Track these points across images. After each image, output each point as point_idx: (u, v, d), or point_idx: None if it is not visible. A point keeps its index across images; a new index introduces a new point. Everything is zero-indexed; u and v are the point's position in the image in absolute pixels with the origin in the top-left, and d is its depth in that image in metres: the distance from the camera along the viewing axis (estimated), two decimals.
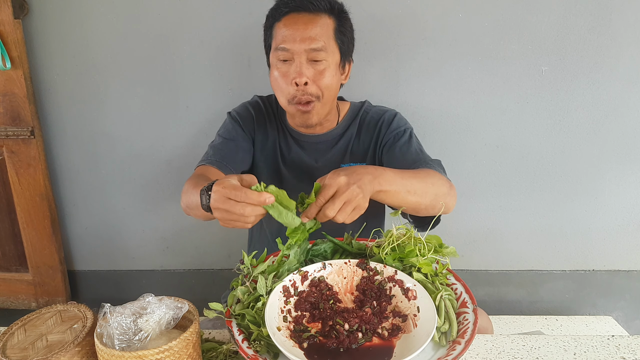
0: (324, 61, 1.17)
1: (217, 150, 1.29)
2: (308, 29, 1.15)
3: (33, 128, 1.78)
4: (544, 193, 1.89)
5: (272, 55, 1.21)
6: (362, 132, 1.37)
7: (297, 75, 1.16)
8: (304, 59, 1.16)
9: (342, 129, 1.37)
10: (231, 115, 1.40)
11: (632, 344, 0.98)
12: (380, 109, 1.40)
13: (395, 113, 1.38)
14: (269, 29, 1.24)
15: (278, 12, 1.20)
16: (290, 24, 1.17)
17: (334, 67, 1.20)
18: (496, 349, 0.96)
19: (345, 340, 0.81)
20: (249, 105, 1.41)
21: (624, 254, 1.97)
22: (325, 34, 1.17)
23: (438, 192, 1.06)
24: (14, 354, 0.77)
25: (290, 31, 1.16)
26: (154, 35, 1.73)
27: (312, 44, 1.15)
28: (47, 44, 1.76)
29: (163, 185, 1.94)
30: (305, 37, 1.14)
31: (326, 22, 1.18)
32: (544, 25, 1.66)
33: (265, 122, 1.39)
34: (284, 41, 1.16)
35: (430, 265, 0.93)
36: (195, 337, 0.78)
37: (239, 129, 1.35)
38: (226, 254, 2.04)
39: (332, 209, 0.86)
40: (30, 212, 1.90)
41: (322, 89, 1.19)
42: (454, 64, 1.72)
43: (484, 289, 2.04)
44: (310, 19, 1.16)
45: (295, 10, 1.17)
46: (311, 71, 1.17)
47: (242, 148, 1.33)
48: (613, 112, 1.77)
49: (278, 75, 1.20)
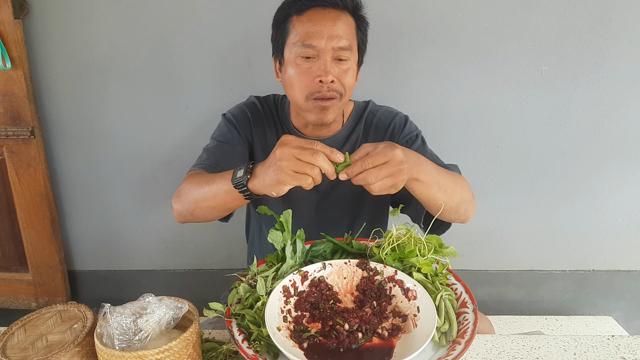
0: (348, 60, 1.13)
1: (211, 154, 1.24)
2: (336, 25, 1.09)
3: (33, 128, 1.78)
4: (544, 193, 1.89)
5: (291, 52, 1.13)
6: (369, 134, 1.31)
7: (324, 73, 1.09)
8: (330, 56, 1.10)
9: (348, 130, 1.31)
10: (226, 117, 1.34)
11: (632, 344, 0.98)
12: (388, 110, 1.35)
13: (406, 117, 1.33)
14: (283, 22, 1.15)
15: (298, 5, 1.11)
16: (317, 19, 1.09)
17: (354, 67, 1.17)
18: (496, 349, 0.96)
19: (345, 340, 0.81)
20: (245, 106, 1.35)
21: (624, 254, 1.97)
22: (350, 32, 1.12)
23: (464, 197, 1.06)
24: (14, 354, 0.77)
25: (317, 27, 1.08)
26: (154, 35, 1.73)
27: (340, 42, 1.09)
28: (47, 44, 1.76)
29: (163, 186, 1.94)
30: (333, 35, 1.08)
31: (349, 21, 1.13)
32: (544, 25, 1.66)
33: (263, 124, 1.33)
34: (310, 37, 1.08)
35: (430, 265, 0.93)
36: (195, 337, 0.78)
37: (234, 132, 1.30)
38: (226, 254, 2.04)
39: (375, 177, 0.85)
40: (30, 212, 1.90)
41: (346, 88, 1.15)
42: (454, 64, 1.72)
43: (484, 289, 2.04)
44: (337, 15, 1.10)
45: (322, 5, 1.10)
46: (336, 70, 1.11)
47: (237, 152, 1.27)
48: (613, 112, 1.77)
49: (297, 72, 1.12)
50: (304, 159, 0.84)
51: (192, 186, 1.07)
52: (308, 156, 0.84)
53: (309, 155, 0.84)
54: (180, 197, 1.10)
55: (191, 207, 1.07)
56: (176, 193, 1.12)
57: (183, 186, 1.10)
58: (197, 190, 1.05)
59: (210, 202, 1.02)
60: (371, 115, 1.32)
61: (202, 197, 1.04)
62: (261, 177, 0.91)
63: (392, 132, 1.29)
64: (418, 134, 1.30)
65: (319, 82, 1.10)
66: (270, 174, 0.88)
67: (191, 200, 1.07)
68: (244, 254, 2.04)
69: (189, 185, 1.08)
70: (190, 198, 1.07)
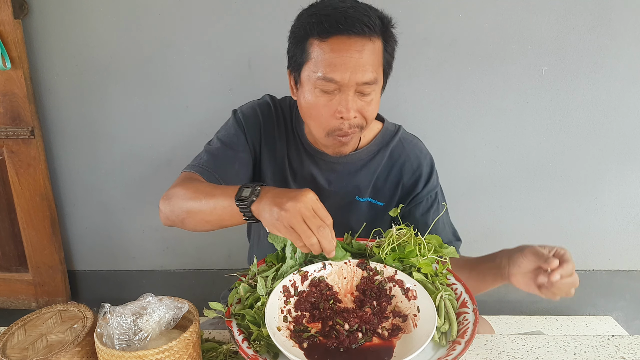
0: (373, 92, 1.03)
1: (212, 157, 1.15)
2: (362, 57, 0.97)
3: (33, 128, 1.78)
4: (544, 193, 1.89)
5: (310, 78, 1.02)
6: (392, 169, 1.20)
7: (346, 110, 1.00)
8: (353, 91, 1.00)
9: (368, 155, 1.19)
10: (236, 117, 1.22)
11: (632, 344, 0.98)
12: (418, 147, 1.23)
13: (433, 163, 1.23)
14: (302, 41, 1.02)
15: (320, 28, 0.97)
16: (341, 49, 0.96)
17: (379, 93, 1.07)
18: (496, 349, 0.96)
19: (345, 340, 0.81)
20: (258, 106, 1.22)
21: (624, 254, 1.97)
22: (376, 61, 1.01)
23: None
24: (14, 354, 0.77)
25: (340, 59, 0.96)
26: (154, 35, 1.73)
27: (365, 76, 0.98)
28: (47, 44, 1.76)
29: (163, 186, 1.91)
30: (358, 68, 0.97)
31: (376, 47, 1.00)
32: (544, 25, 1.66)
33: (274, 130, 1.21)
34: (332, 70, 0.97)
35: (430, 265, 0.93)
36: (195, 337, 0.78)
37: (241, 136, 1.18)
38: (226, 254, 2.04)
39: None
40: (30, 212, 1.90)
41: (367, 120, 1.06)
42: (454, 64, 1.72)
43: None
44: (363, 44, 0.97)
45: (345, 33, 0.96)
46: (359, 103, 1.02)
47: (239, 160, 1.17)
48: (613, 112, 1.77)
49: (316, 104, 1.03)
50: (308, 224, 0.80)
51: (187, 193, 0.99)
52: (313, 225, 0.80)
53: (314, 224, 0.80)
54: (171, 200, 1.01)
55: (182, 215, 0.99)
56: (166, 195, 1.03)
57: (176, 190, 1.02)
58: (193, 200, 0.97)
59: (206, 216, 0.95)
60: (399, 149, 1.21)
61: (197, 208, 0.96)
62: (262, 207, 0.85)
63: (417, 181, 1.20)
64: (437, 192, 1.22)
65: (340, 118, 1.01)
66: (271, 213, 0.83)
67: (184, 209, 0.99)
68: (244, 254, 2.04)
69: (184, 191, 1.00)
70: (183, 206, 0.99)
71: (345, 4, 0.98)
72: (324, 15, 0.97)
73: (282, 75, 1.75)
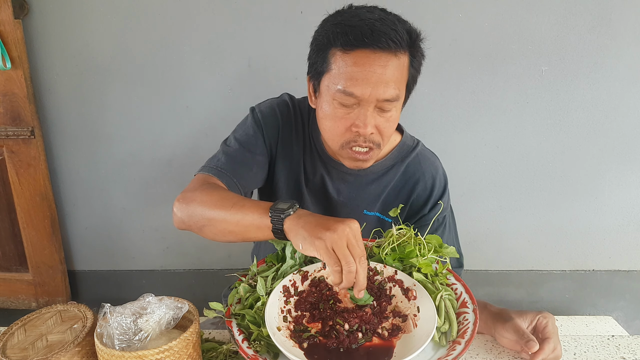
0: (393, 109, 0.99)
1: (230, 159, 1.09)
2: (385, 73, 0.93)
3: (33, 128, 1.78)
4: (544, 193, 1.89)
5: (329, 89, 0.98)
6: (405, 185, 1.16)
7: (363, 125, 0.96)
8: (372, 107, 0.96)
9: (382, 169, 1.15)
10: (254, 115, 1.15)
11: (632, 344, 0.98)
12: (434, 166, 1.19)
13: (446, 185, 1.19)
14: (324, 50, 0.98)
15: (344, 40, 0.93)
16: (364, 63, 0.92)
17: (399, 110, 1.03)
18: (496, 349, 0.96)
19: (345, 340, 0.81)
20: (277, 106, 1.16)
21: (624, 254, 1.97)
22: (400, 77, 0.96)
23: None
24: (14, 354, 0.77)
25: (362, 74, 0.92)
26: (154, 35, 1.73)
27: (386, 93, 0.94)
28: (47, 44, 1.76)
29: (163, 185, 1.94)
30: (380, 84, 0.93)
31: (402, 62, 0.96)
32: (544, 25, 1.66)
33: (291, 133, 1.15)
34: (352, 85, 0.93)
35: (430, 265, 0.93)
36: (195, 337, 0.78)
37: (259, 137, 1.13)
38: (226, 254, 2.04)
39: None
40: (30, 212, 1.90)
41: (384, 137, 1.02)
42: (454, 64, 1.72)
43: (484, 289, 2.04)
44: (387, 59, 0.93)
45: (370, 47, 0.92)
46: (378, 120, 0.98)
47: (257, 163, 1.12)
48: (613, 112, 1.77)
49: (333, 116, 0.99)
50: (352, 251, 0.78)
51: (211, 200, 0.94)
52: (356, 253, 0.78)
53: (357, 253, 0.78)
54: (190, 205, 0.96)
55: (202, 222, 0.95)
56: (184, 198, 0.97)
57: (197, 195, 0.96)
58: (219, 209, 0.92)
59: (230, 226, 0.91)
60: (415, 165, 1.17)
61: (221, 218, 0.91)
62: (300, 225, 0.82)
63: (426, 201, 1.16)
64: (446, 216, 1.19)
65: (355, 131, 0.98)
66: (311, 232, 0.79)
67: (206, 216, 0.94)
68: (244, 254, 2.04)
69: (207, 197, 0.95)
70: (205, 213, 0.94)
71: (373, 15, 0.94)
72: (349, 26, 0.93)
73: (282, 75, 1.77)
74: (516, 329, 0.93)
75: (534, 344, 0.89)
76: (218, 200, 0.93)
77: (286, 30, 1.71)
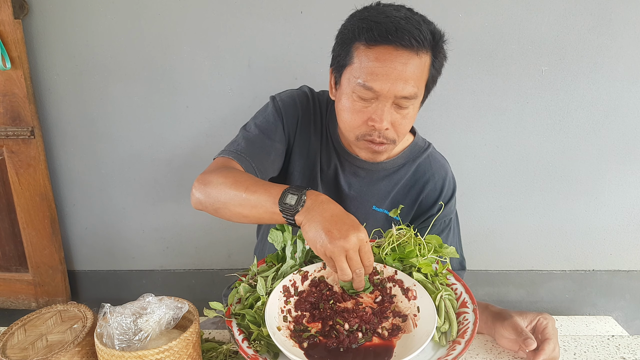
0: (410, 107, 1.01)
1: (250, 143, 1.10)
2: (406, 71, 0.95)
3: (33, 128, 1.78)
4: (544, 193, 1.89)
5: (349, 82, 1.00)
6: (415, 185, 1.18)
7: (379, 120, 0.98)
8: (390, 102, 0.98)
9: (393, 166, 1.17)
10: (275, 103, 1.16)
11: (632, 344, 0.98)
12: (444, 168, 1.21)
13: (455, 189, 1.21)
14: (348, 43, 1.00)
15: (368, 35, 0.95)
16: (385, 59, 0.94)
17: (417, 108, 1.05)
18: (496, 349, 0.97)
19: (345, 340, 0.81)
20: (297, 96, 1.18)
21: (624, 254, 1.97)
22: (420, 75, 0.98)
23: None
24: (14, 354, 0.77)
25: (383, 69, 0.94)
26: (154, 35, 1.73)
27: (405, 90, 0.96)
28: (47, 44, 1.76)
29: (163, 185, 1.94)
30: (399, 80, 0.95)
31: (423, 61, 0.97)
32: (544, 25, 1.66)
33: (310, 124, 1.17)
34: (372, 79, 0.95)
35: (430, 265, 0.93)
36: (195, 337, 0.78)
37: (279, 125, 1.14)
38: (226, 254, 2.04)
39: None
40: (30, 212, 1.90)
41: (400, 134, 1.04)
42: (454, 64, 1.72)
43: (484, 289, 2.04)
44: (409, 57, 0.95)
45: (393, 44, 0.94)
46: (394, 116, 1.00)
47: (275, 150, 1.13)
48: (613, 112, 1.77)
49: (351, 108, 1.01)
50: (350, 264, 0.81)
51: (227, 182, 0.95)
52: (353, 266, 0.81)
53: (354, 266, 0.81)
54: (207, 187, 0.97)
55: (218, 204, 0.96)
56: (203, 179, 0.99)
57: (215, 177, 0.97)
58: (234, 192, 0.93)
59: (245, 211, 0.92)
60: (426, 165, 1.19)
61: (237, 202, 0.92)
62: (309, 224, 0.83)
63: (435, 202, 1.18)
64: (452, 218, 1.21)
65: (371, 125, 1.00)
66: (316, 236, 0.82)
67: (222, 199, 0.95)
68: (244, 254, 2.04)
69: (224, 179, 0.96)
70: (221, 196, 0.95)
71: (399, 14, 0.96)
72: (374, 22, 0.95)
73: (282, 75, 1.77)
74: (515, 326, 0.94)
75: (531, 342, 0.89)
76: (232, 182, 0.94)
77: (286, 30, 1.71)
